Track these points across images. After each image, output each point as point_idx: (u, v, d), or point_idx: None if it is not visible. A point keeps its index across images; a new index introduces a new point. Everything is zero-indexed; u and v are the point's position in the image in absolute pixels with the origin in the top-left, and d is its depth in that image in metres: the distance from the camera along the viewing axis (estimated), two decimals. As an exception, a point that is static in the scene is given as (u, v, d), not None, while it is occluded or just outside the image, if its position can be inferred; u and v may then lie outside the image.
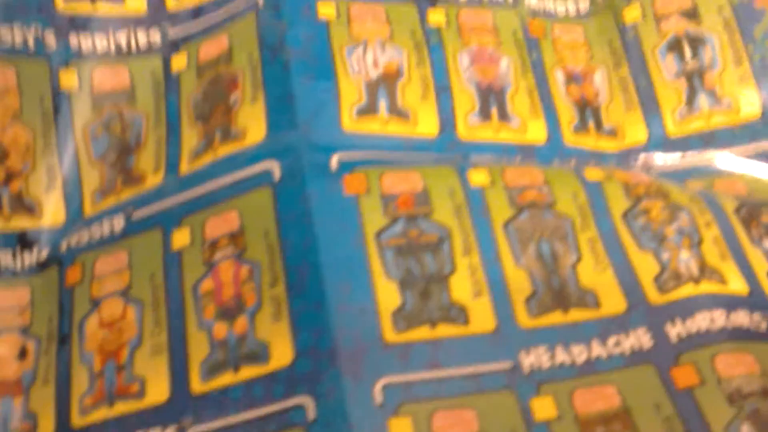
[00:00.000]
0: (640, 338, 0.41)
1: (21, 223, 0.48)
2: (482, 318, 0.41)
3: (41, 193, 0.49)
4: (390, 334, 0.40)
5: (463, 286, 0.42)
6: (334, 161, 0.46)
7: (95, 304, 0.45)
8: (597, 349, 0.40)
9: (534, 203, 0.46)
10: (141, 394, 0.41)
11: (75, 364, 0.43)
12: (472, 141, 0.50)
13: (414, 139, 0.49)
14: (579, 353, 0.40)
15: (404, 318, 0.41)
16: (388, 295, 0.41)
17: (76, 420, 0.41)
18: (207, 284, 0.43)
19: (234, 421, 0.39)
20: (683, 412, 0.38)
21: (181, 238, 0.46)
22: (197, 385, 0.40)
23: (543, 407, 0.38)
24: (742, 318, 0.41)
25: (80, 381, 0.43)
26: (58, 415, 0.42)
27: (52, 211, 0.49)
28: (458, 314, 0.41)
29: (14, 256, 0.47)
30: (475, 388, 0.39)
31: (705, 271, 0.43)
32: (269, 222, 0.44)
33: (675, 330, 0.41)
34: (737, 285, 0.43)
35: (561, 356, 0.40)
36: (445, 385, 0.39)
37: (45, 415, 0.42)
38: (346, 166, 0.45)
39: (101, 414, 0.41)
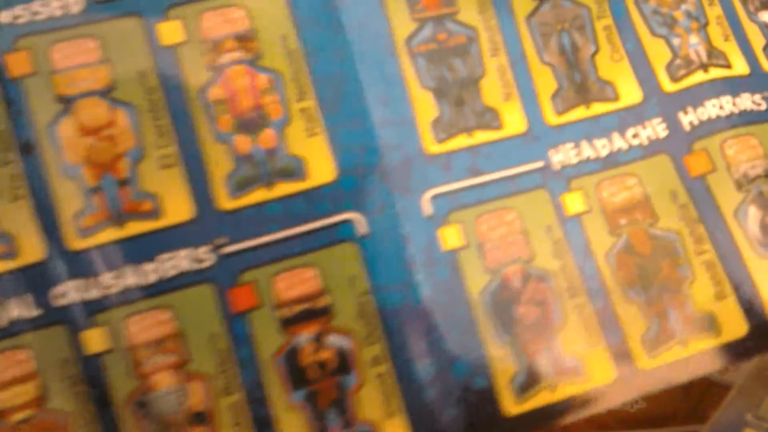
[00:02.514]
0: (655, 128, 0.44)
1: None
2: (514, 120, 0.43)
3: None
4: (432, 146, 0.41)
5: (494, 89, 0.43)
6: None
7: (66, 103, 0.39)
8: (618, 142, 0.43)
9: (554, -6, 0.45)
10: (156, 212, 0.38)
11: (54, 177, 0.38)
12: None
13: None
14: (602, 147, 0.43)
15: (443, 128, 0.42)
16: (425, 105, 0.42)
17: (75, 242, 0.38)
18: (216, 91, 0.41)
19: (275, 237, 0.39)
20: (696, 198, 0.43)
21: (170, 31, 0.41)
22: (225, 201, 0.39)
23: (574, 202, 0.42)
24: (745, 101, 0.45)
25: (68, 197, 0.38)
26: (49, 237, 0.37)
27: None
28: (492, 118, 0.42)
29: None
30: (513, 190, 0.42)
31: (712, 55, 0.45)
32: (286, 25, 0.42)
33: (687, 118, 0.44)
34: (740, 66, 0.46)
35: (586, 151, 0.43)
36: (486, 190, 0.41)
37: (26, 236, 0.37)
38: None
39: (109, 235, 0.38)
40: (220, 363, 0.38)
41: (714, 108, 0.44)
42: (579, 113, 0.44)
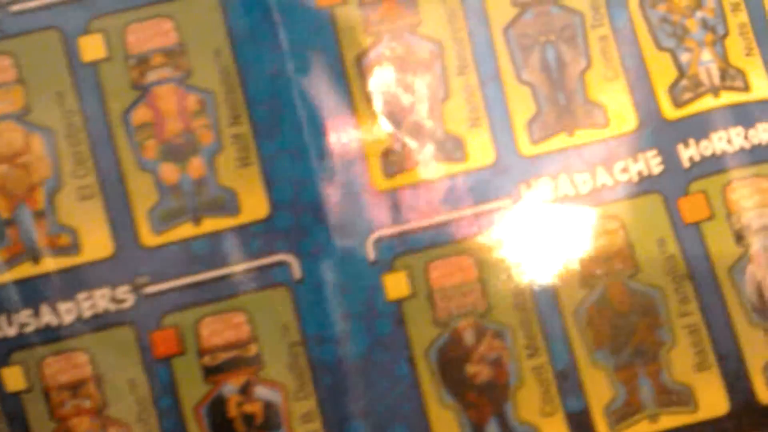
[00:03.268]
0: (649, 162, 0.38)
1: None
2: (480, 150, 0.37)
3: None
4: (380, 180, 0.37)
5: (459, 114, 0.37)
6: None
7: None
8: (602, 177, 0.38)
9: (540, -3, 0.39)
10: (74, 248, 0.36)
11: None
12: None
13: None
14: (583, 183, 0.38)
15: (394, 161, 0.37)
16: (376, 134, 0.37)
17: None
18: (142, 113, 0.37)
19: (201, 278, 0.36)
20: (687, 250, 0.37)
21: (92, 46, 0.37)
22: (148, 237, 0.36)
23: (544, 246, 0.37)
24: (760, 133, 0.38)
25: (-20, 229, 0.35)
26: None
27: None
28: (454, 148, 0.37)
29: None
30: (474, 231, 0.37)
31: (726, 75, 0.38)
32: (219, 39, 0.37)
33: (687, 153, 0.38)
34: (761, 88, 0.39)
35: (564, 187, 0.37)
36: (441, 232, 0.37)
37: None
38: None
39: (23, 270, 0.36)
40: (140, 411, 0.36)
41: (720, 142, 0.38)
42: (560, 142, 0.38)
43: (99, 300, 0.36)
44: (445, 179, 0.37)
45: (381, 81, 0.37)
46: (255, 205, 0.36)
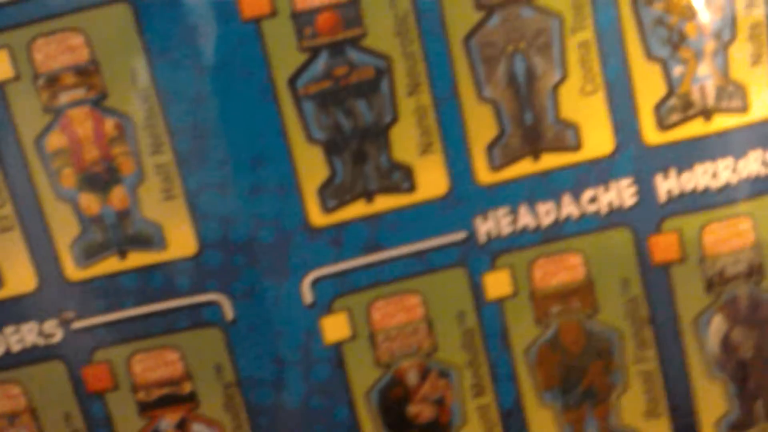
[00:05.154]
0: (621, 193, 0.33)
1: None
2: (432, 180, 0.33)
3: None
4: (318, 217, 0.33)
5: (408, 139, 0.33)
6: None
7: None
8: (568, 207, 0.34)
9: (509, -3, 0.32)
10: None
11: None
12: None
13: None
14: (546, 213, 0.34)
15: (335, 193, 0.33)
16: (312, 165, 0.33)
17: None
18: (56, 138, 0.33)
19: (130, 314, 0.34)
20: (652, 293, 0.34)
21: None
22: (72, 271, 0.33)
23: (497, 283, 0.34)
24: (751, 163, 0.33)
25: None
26: None
27: None
28: (402, 178, 0.33)
29: None
30: (421, 268, 0.34)
31: (723, 94, 0.33)
32: (134, 56, 0.32)
33: (666, 185, 0.33)
34: (762, 105, 0.33)
35: (525, 218, 0.34)
36: (386, 270, 0.34)
37: None
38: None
39: None
40: None
41: (705, 176, 0.33)
42: (523, 167, 0.33)
43: (27, 334, 0.34)
44: (392, 212, 0.33)
45: (318, 104, 0.32)
46: (182, 241, 0.33)
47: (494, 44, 0.32)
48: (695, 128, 0.33)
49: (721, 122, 0.33)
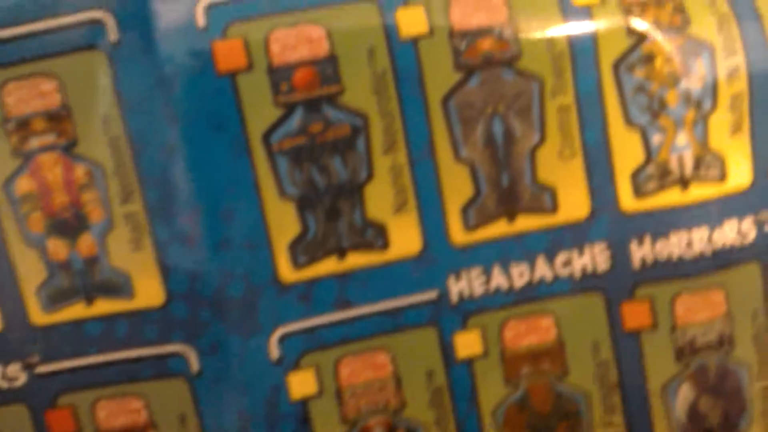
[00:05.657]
0: (596, 257, 0.33)
1: None
2: (405, 238, 0.33)
3: None
4: (287, 273, 0.32)
5: (383, 197, 0.32)
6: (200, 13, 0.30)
7: None
8: (542, 269, 0.33)
9: (490, 58, 0.31)
10: None
11: None
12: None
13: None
14: (519, 275, 0.33)
15: (306, 249, 0.32)
16: (283, 220, 0.32)
17: None
18: (25, 183, 0.32)
19: (95, 361, 0.33)
20: (622, 358, 0.34)
21: None
22: (38, 315, 0.33)
23: (468, 343, 0.34)
24: (727, 233, 0.33)
25: None
26: None
27: None
28: (375, 236, 0.33)
29: None
30: (391, 326, 0.33)
31: (701, 163, 0.33)
32: (108, 103, 0.31)
33: (641, 252, 0.33)
34: (740, 175, 0.33)
35: (498, 279, 0.33)
36: (355, 327, 0.33)
37: None
38: (214, 28, 0.30)
39: None
40: None
41: (680, 245, 0.33)
42: (498, 228, 0.33)
43: None
44: (363, 269, 0.33)
45: (292, 160, 0.31)
46: (150, 292, 0.33)
47: (473, 106, 0.32)
48: (672, 197, 0.33)
49: (698, 192, 0.33)
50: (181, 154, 0.31)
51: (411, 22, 0.31)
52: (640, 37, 0.32)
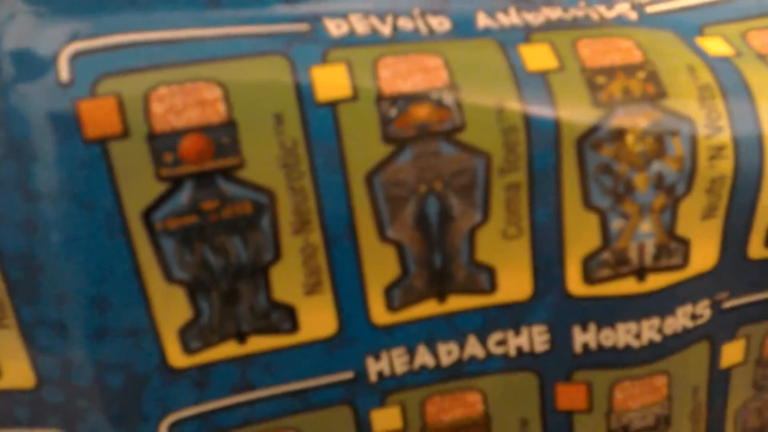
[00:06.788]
0: (533, 339, 0.29)
1: None
2: (318, 321, 0.28)
3: None
4: (178, 359, 0.28)
5: (291, 279, 0.27)
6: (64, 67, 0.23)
7: None
8: (472, 348, 0.29)
9: (425, 128, 0.25)
10: None
11: None
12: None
13: None
14: (447, 353, 0.30)
15: (199, 334, 0.28)
16: (171, 305, 0.27)
17: None
18: None
19: None
20: (550, 439, 0.31)
21: None
22: None
23: (385, 419, 0.31)
24: (679, 320, 0.29)
25: None
26: None
27: None
28: (281, 320, 0.28)
29: None
30: (300, 407, 0.30)
31: (663, 252, 0.28)
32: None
33: (583, 338, 0.29)
34: (703, 259, 0.29)
35: (422, 358, 0.29)
36: (257, 409, 0.29)
37: None
38: (81, 83, 0.23)
39: None
40: None
41: (627, 335, 0.29)
42: (426, 309, 0.29)
43: None
44: (268, 352, 0.28)
45: (180, 241, 0.26)
46: (18, 374, 0.28)
47: (403, 183, 0.26)
48: (625, 287, 0.28)
49: (655, 282, 0.28)
50: (43, 233, 0.25)
51: (330, 82, 0.25)
52: (608, 110, 0.26)
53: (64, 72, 0.24)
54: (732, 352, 0.32)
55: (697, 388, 0.31)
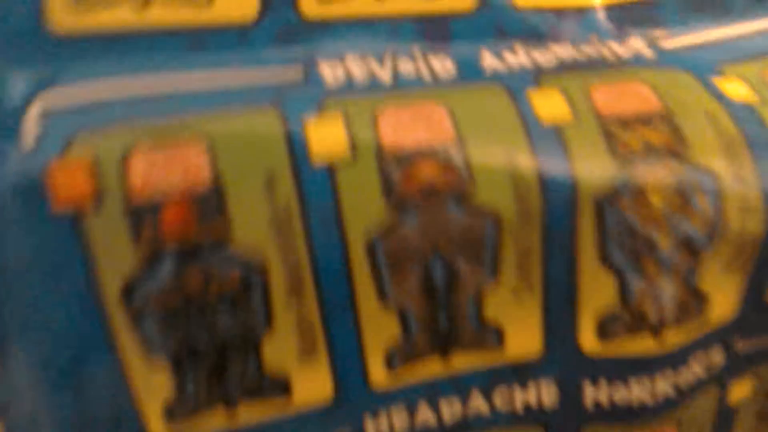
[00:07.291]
0: (542, 394, 0.28)
1: None
2: (312, 387, 0.26)
3: None
4: (157, 427, 0.26)
5: (283, 348, 0.25)
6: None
7: None
8: (476, 402, 0.28)
9: (432, 191, 0.23)
10: None
11: None
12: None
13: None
14: (449, 407, 0.28)
15: (181, 408, 0.25)
16: (151, 381, 0.25)
17: None
18: None
19: None
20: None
21: None
22: None
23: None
24: (694, 368, 0.28)
25: None
26: None
27: None
28: (272, 386, 0.26)
29: None
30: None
31: (684, 311, 0.26)
32: None
33: (592, 394, 0.28)
34: (724, 309, 0.27)
35: (424, 415, 0.28)
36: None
37: None
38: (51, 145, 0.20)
39: None
40: None
41: (639, 391, 0.27)
42: (429, 368, 0.27)
43: None
44: (260, 423, 0.27)
45: (164, 318, 0.23)
46: None
47: (408, 249, 0.24)
48: (641, 345, 0.27)
49: (673, 338, 0.27)
50: (8, 307, 0.23)
51: (326, 138, 0.22)
52: (627, 164, 0.24)
53: (31, 131, 0.21)
54: (740, 389, 0.30)
55: (703, 426, 0.30)
